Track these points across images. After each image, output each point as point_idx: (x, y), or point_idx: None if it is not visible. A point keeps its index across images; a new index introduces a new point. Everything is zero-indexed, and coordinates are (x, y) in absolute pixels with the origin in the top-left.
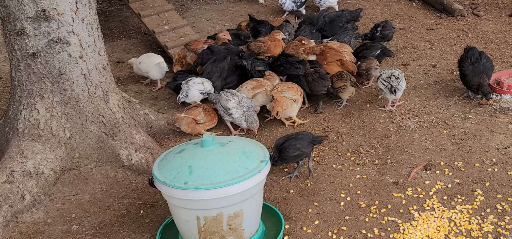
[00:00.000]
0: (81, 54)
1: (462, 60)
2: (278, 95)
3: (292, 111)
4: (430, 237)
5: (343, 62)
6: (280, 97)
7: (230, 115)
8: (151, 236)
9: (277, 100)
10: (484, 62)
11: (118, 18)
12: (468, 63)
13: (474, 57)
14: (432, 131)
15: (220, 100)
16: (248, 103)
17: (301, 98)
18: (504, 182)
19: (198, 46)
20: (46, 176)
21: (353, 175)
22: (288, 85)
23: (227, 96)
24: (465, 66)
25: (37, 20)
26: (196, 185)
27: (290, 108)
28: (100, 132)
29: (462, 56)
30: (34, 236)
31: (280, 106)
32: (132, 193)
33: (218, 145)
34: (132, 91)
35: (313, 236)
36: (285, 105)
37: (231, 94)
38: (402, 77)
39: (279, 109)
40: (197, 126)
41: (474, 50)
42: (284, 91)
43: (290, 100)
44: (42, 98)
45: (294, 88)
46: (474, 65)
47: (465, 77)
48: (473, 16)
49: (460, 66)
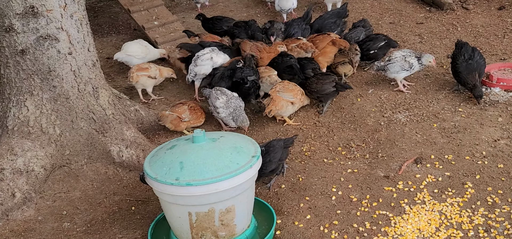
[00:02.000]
0: (70, 50)
1: (455, 56)
2: (275, 94)
3: (286, 112)
4: (421, 230)
5: (335, 42)
6: (277, 97)
7: (218, 114)
8: (143, 233)
9: (274, 100)
10: (478, 59)
11: (107, 14)
12: (461, 60)
13: (468, 53)
14: (423, 124)
15: (210, 97)
16: (236, 103)
17: (300, 101)
18: (494, 174)
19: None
20: (37, 173)
21: (344, 169)
22: (288, 86)
23: (217, 94)
24: (459, 63)
25: (26, 17)
26: (187, 181)
27: (285, 109)
28: (90, 128)
29: (455, 52)
30: (25, 234)
31: (275, 105)
32: (123, 190)
33: (209, 141)
34: (122, 87)
35: (305, 230)
36: (280, 106)
37: (221, 92)
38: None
39: (273, 108)
40: (182, 124)
41: (467, 47)
42: (282, 91)
43: (286, 101)
44: (32, 95)
45: (294, 90)
46: (468, 62)
47: (459, 74)
48: (462, 9)
49: (453, 63)
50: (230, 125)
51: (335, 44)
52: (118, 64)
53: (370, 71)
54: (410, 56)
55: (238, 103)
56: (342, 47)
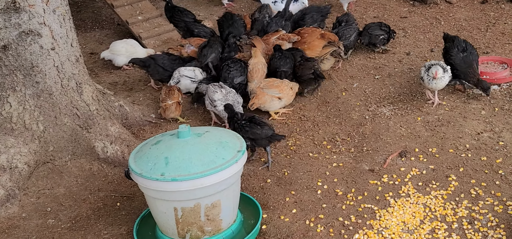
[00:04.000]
0: (53, 46)
1: (448, 50)
2: (259, 90)
3: (272, 107)
4: (405, 223)
5: (324, 35)
6: (261, 93)
7: (215, 107)
8: (128, 229)
9: (257, 94)
10: (471, 50)
11: (90, 9)
12: (455, 52)
13: (461, 46)
14: (407, 118)
15: (208, 91)
16: (234, 98)
17: (289, 96)
18: (477, 167)
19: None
20: (20, 170)
21: (329, 163)
22: (273, 83)
23: (215, 88)
24: (454, 55)
25: (7, 12)
26: (173, 176)
27: (270, 104)
28: (74, 124)
29: (448, 46)
30: (9, 231)
31: (258, 99)
32: (108, 186)
33: (195, 136)
34: (106, 83)
35: (291, 224)
36: (263, 100)
37: (219, 87)
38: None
39: (256, 102)
40: (179, 106)
41: (459, 39)
42: (266, 87)
43: (270, 96)
44: (14, 91)
45: (280, 86)
46: (463, 54)
47: (456, 67)
48: (446, 3)
49: (446, 56)
50: (225, 118)
51: (324, 37)
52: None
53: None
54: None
55: (236, 99)
56: (330, 40)
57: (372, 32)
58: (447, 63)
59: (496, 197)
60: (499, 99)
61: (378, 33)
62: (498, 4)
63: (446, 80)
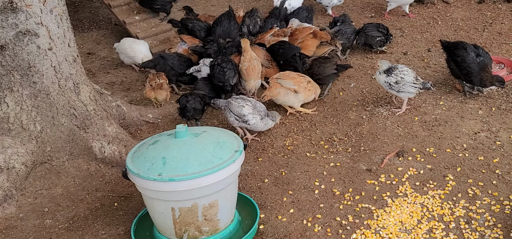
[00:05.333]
0: (51, 46)
1: (463, 58)
2: (273, 81)
3: (288, 101)
4: (403, 222)
5: (316, 34)
6: (274, 84)
7: (247, 122)
8: (126, 229)
9: (270, 86)
10: (483, 52)
11: (87, 9)
12: (471, 59)
13: (474, 51)
14: (404, 117)
15: (232, 107)
16: (261, 106)
17: (307, 91)
18: (474, 167)
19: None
20: (17, 170)
21: (327, 163)
22: (289, 74)
23: (239, 102)
24: (469, 62)
25: (4, 12)
26: (170, 176)
27: (284, 97)
28: (71, 124)
29: (461, 53)
30: (6, 232)
31: (270, 91)
32: (105, 186)
33: (192, 136)
34: (103, 83)
35: (288, 224)
36: (276, 92)
37: (242, 100)
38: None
39: (268, 93)
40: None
41: (469, 45)
42: (281, 79)
43: (285, 89)
44: (11, 91)
45: (297, 78)
46: (479, 59)
47: (471, 74)
48: (443, 3)
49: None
50: (259, 130)
51: (316, 36)
52: (99, 59)
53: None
54: None
55: (262, 105)
56: (323, 40)
57: (369, 33)
58: (464, 71)
59: (493, 196)
60: (496, 99)
61: (375, 34)
62: (495, 4)
63: (382, 80)
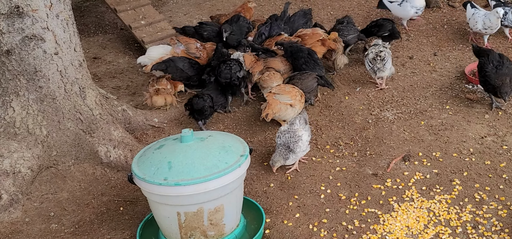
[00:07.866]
0: (57, 50)
1: (483, 65)
2: (271, 98)
3: (286, 115)
4: (409, 227)
5: (324, 41)
6: (273, 101)
7: (297, 142)
8: (131, 233)
9: (270, 103)
10: (508, 65)
11: (93, 14)
12: (491, 67)
13: (496, 60)
14: (410, 122)
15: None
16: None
17: (301, 103)
18: (481, 171)
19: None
20: (23, 174)
21: (332, 168)
22: (285, 88)
23: (301, 123)
24: (489, 71)
25: (11, 17)
26: (176, 181)
27: (284, 113)
28: (77, 129)
29: (483, 61)
30: (12, 236)
31: (271, 109)
32: (111, 190)
33: (198, 140)
34: (109, 87)
35: (294, 229)
36: (277, 109)
37: (299, 120)
38: (388, 56)
39: (270, 112)
40: None
41: (494, 54)
42: (278, 94)
43: (284, 104)
44: (18, 96)
45: (291, 92)
46: (497, 69)
47: (489, 81)
48: (449, 7)
49: (481, 72)
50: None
51: (324, 44)
52: (105, 64)
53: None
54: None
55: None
56: (331, 48)
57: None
58: (482, 79)
59: (500, 201)
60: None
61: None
62: None
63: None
